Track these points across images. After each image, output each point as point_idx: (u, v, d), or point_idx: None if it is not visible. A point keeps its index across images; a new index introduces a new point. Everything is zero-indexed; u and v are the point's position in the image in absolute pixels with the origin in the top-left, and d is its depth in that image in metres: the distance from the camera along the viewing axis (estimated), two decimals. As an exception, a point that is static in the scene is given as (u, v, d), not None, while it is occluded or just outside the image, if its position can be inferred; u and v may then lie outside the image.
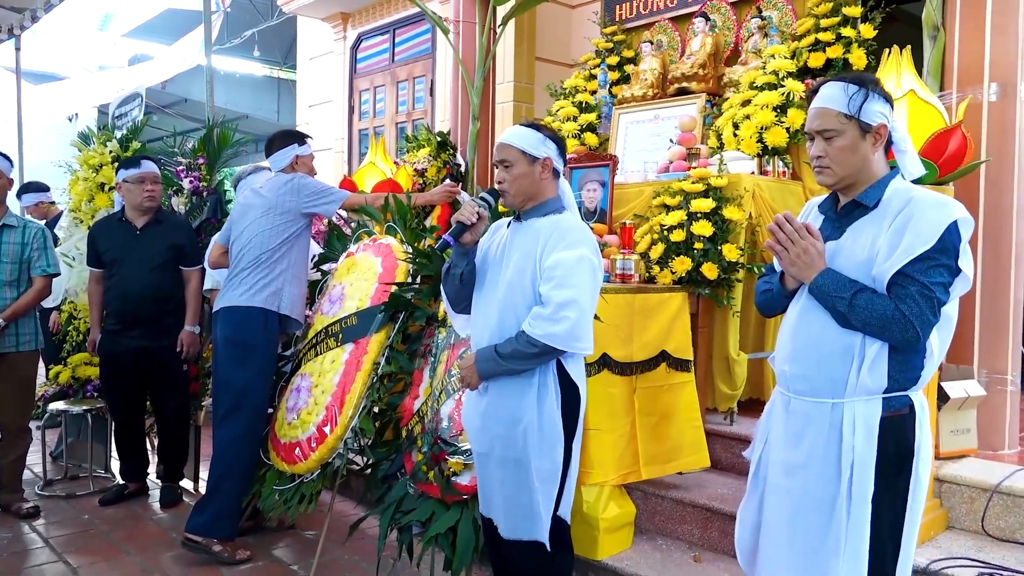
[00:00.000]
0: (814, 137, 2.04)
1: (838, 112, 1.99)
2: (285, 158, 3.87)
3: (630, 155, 4.98)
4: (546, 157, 2.45)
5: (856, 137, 1.99)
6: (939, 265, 1.88)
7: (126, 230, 4.33)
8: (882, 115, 1.99)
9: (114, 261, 4.31)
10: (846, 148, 1.99)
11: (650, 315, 3.55)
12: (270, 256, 3.68)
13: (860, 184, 2.02)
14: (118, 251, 4.30)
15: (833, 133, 2.00)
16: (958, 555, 3.00)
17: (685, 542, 3.49)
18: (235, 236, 3.82)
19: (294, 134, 3.97)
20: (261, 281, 3.67)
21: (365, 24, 8.19)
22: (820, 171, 2.05)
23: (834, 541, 1.97)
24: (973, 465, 3.45)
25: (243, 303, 3.65)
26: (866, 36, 4.26)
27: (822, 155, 2.02)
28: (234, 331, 3.66)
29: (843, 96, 1.99)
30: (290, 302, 3.73)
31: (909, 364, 1.96)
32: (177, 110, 14.33)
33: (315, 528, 4.01)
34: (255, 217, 3.74)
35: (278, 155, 3.88)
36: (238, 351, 3.63)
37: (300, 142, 3.92)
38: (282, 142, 3.90)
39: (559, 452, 2.40)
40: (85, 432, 4.78)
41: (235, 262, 3.77)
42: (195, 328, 4.35)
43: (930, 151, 3.07)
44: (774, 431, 2.15)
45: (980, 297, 3.70)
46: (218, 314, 3.74)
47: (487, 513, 2.58)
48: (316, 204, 3.76)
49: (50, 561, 3.63)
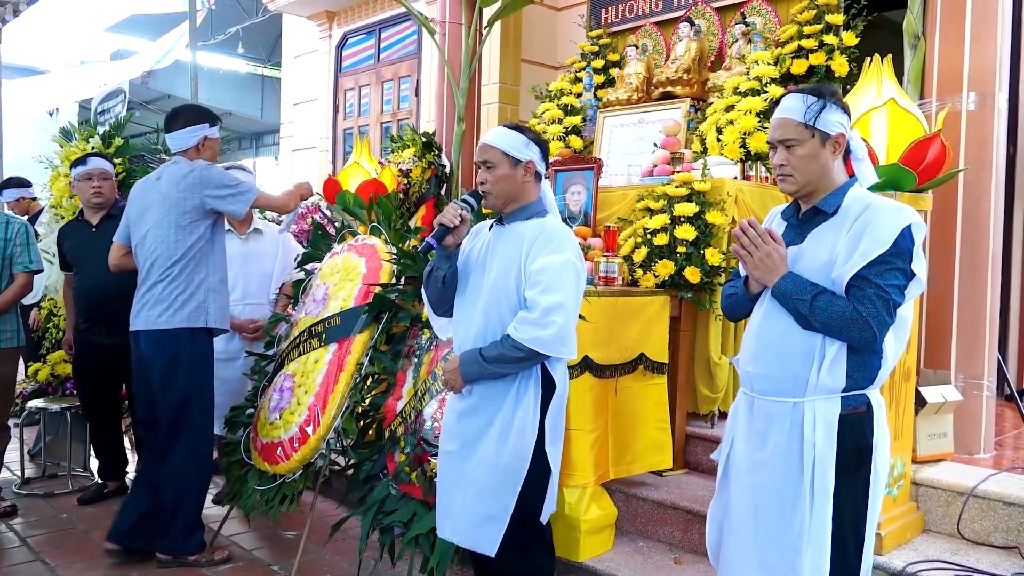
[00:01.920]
0: (776, 147, 2.13)
1: (797, 122, 2.08)
2: (191, 138, 3.46)
3: (614, 158, 5.00)
4: (529, 160, 2.46)
5: (816, 146, 2.08)
6: (894, 268, 1.97)
7: (84, 229, 4.34)
8: (840, 124, 2.09)
9: (76, 261, 4.35)
10: (806, 157, 2.08)
11: (630, 318, 3.58)
12: (184, 267, 3.39)
13: (820, 191, 2.12)
14: (78, 251, 4.33)
15: (794, 142, 2.09)
16: (934, 558, 3.04)
17: (666, 544, 3.51)
18: (138, 239, 3.49)
19: (205, 112, 3.57)
20: (180, 297, 3.39)
21: (351, 23, 8.17)
22: (783, 179, 2.14)
23: (797, 536, 2.05)
24: (950, 469, 3.49)
25: (164, 325, 3.38)
26: (848, 44, 4.30)
27: (784, 163, 2.12)
28: (158, 354, 3.41)
29: (802, 106, 2.08)
30: (217, 314, 3.49)
31: (866, 364, 2.05)
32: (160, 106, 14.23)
33: (296, 528, 4.00)
34: (156, 219, 3.41)
35: (182, 133, 3.45)
36: (167, 371, 3.41)
37: (212, 122, 3.54)
38: (189, 119, 3.47)
39: (530, 452, 2.40)
40: (64, 430, 4.75)
41: (144, 272, 3.46)
42: None
43: (909, 159, 3.11)
44: (739, 431, 2.23)
45: (958, 303, 3.74)
46: (137, 335, 3.47)
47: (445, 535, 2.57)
48: (222, 200, 3.41)
49: (27, 560, 3.60)
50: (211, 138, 3.51)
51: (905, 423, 3.26)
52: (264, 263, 4.46)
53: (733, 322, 3.07)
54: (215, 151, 3.56)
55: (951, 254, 3.75)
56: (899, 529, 3.17)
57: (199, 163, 3.44)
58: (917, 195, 3.21)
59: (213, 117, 3.56)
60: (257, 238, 4.46)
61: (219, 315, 3.51)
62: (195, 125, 3.45)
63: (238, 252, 4.41)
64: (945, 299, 3.76)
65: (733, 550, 2.22)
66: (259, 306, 4.43)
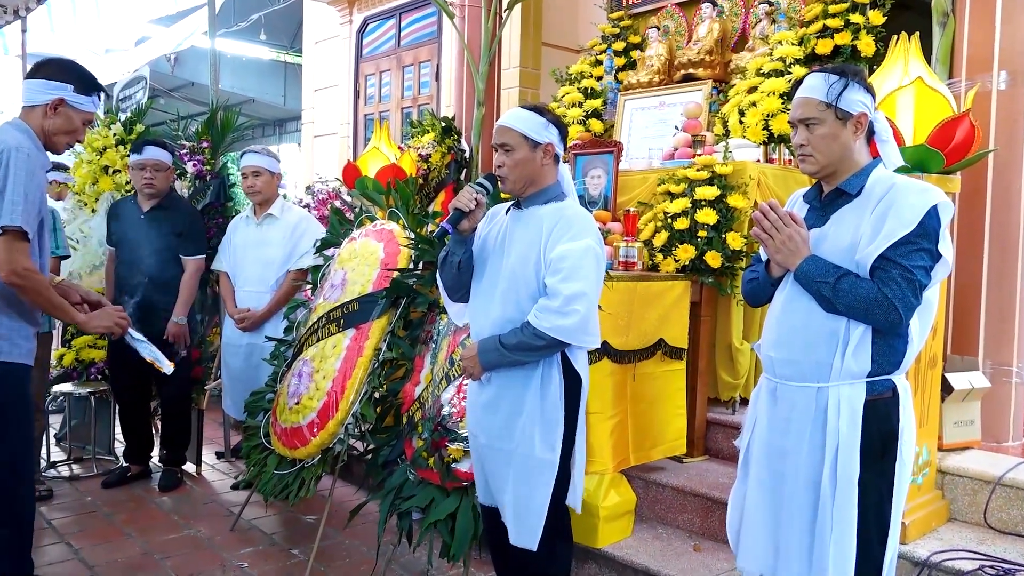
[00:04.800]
0: (797, 126, 2.10)
1: (819, 101, 2.05)
2: (43, 94, 2.71)
3: (635, 142, 4.95)
4: (548, 142, 2.41)
5: (837, 125, 2.04)
6: (920, 249, 1.93)
7: (133, 213, 4.36)
8: (862, 104, 2.05)
9: (119, 242, 4.38)
10: (827, 136, 2.05)
11: (650, 303, 3.54)
12: None
13: (842, 172, 2.08)
14: (123, 232, 4.36)
15: (814, 121, 2.06)
16: (959, 547, 2.99)
17: (685, 531, 3.49)
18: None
19: (80, 76, 2.78)
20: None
21: (371, 8, 8.14)
22: (803, 159, 2.11)
23: (821, 524, 2.02)
24: (976, 457, 3.43)
25: None
26: (875, 23, 4.21)
27: (804, 143, 2.08)
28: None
29: (823, 85, 2.04)
30: (27, 349, 2.72)
31: (892, 348, 2.02)
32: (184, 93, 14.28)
33: (316, 513, 4.01)
34: None
35: (36, 84, 2.72)
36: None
37: (83, 90, 2.77)
38: (52, 72, 2.74)
39: (560, 443, 2.39)
40: (89, 414, 4.80)
41: None
42: (182, 319, 4.28)
43: (937, 139, 3.03)
44: (761, 417, 2.20)
45: (986, 287, 3.66)
46: None
47: (488, 502, 2.58)
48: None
49: (52, 543, 3.65)
50: (71, 105, 2.74)
51: (931, 410, 3.20)
52: (267, 250, 4.40)
53: (755, 307, 3.04)
54: (73, 125, 2.77)
55: (980, 237, 3.67)
56: (924, 518, 3.11)
57: (21, 139, 2.63)
58: (945, 177, 3.13)
59: (89, 85, 2.79)
60: (270, 223, 4.42)
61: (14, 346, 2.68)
62: (56, 81, 2.71)
63: (251, 237, 4.43)
64: (973, 283, 3.68)
65: (755, 537, 2.19)
66: (256, 293, 4.39)
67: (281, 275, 4.39)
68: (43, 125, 2.74)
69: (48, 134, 2.75)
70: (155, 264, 4.23)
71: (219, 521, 3.96)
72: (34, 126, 2.73)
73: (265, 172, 4.37)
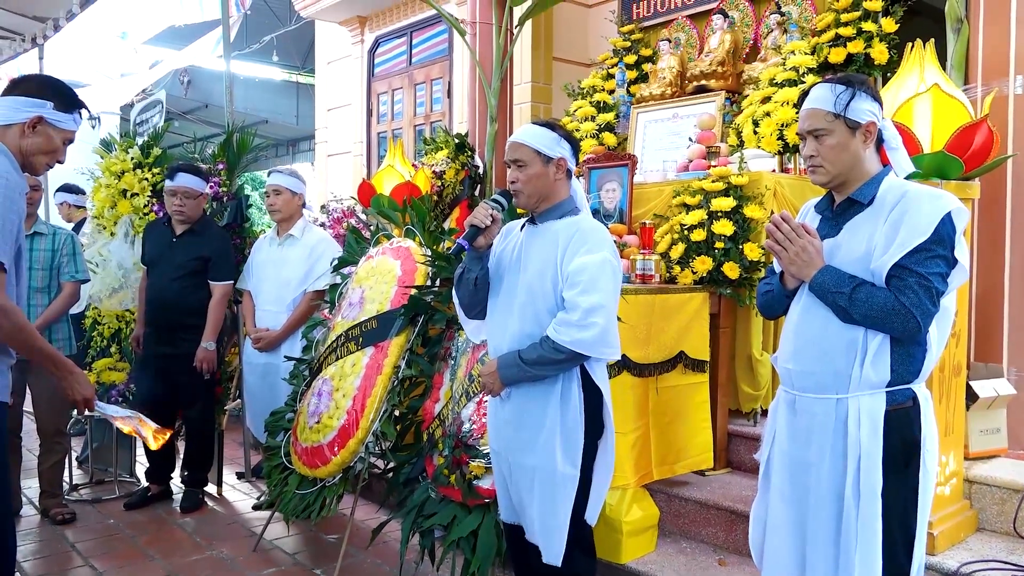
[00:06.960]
0: (806, 138, 2.10)
1: (827, 112, 2.05)
2: (19, 112, 2.46)
3: (649, 154, 4.94)
4: (560, 157, 2.43)
5: (846, 135, 2.04)
6: (936, 256, 1.92)
7: (166, 236, 4.41)
8: (870, 113, 2.04)
9: (151, 264, 4.45)
10: (836, 146, 2.05)
11: (669, 315, 3.53)
12: None
13: (854, 182, 2.08)
14: (154, 254, 4.43)
15: (823, 132, 2.06)
16: (989, 557, 2.94)
17: (710, 545, 3.45)
18: None
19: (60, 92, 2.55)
20: None
21: (382, 27, 8.21)
22: (813, 170, 2.11)
23: (846, 536, 2.00)
24: (1004, 465, 3.38)
25: None
26: (887, 30, 4.20)
27: (814, 154, 2.08)
28: None
29: (831, 96, 2.05)
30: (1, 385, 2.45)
31: (911, 356, 2.00)
32: (198, 116, 14.41)
33: (337, 532, 4.01)
34: None
35: (11, 102, 2.47)
36: None
37: (64, 107, 2.53)
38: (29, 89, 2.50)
39: (580, 458, 2.38)
40: (110, 437, 4.83)
41: None
42: (211, 345, 4.31)
43: (955, 146, 3.01)
44: (780, 430, 2.19)
45: (1008, 293, 3.63)
46: None
47: (511, 519, 2.57)
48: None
49: (77, 566, 3.66)
50: (50, 123, 2.51)
51: (956, 419, 3.16)
52: (285, 270, 4.43)
53: (770, 320, 3.03)
54: (53, 145, 2.54)
55: (1000, 242, 3.64)
56: (952, 528, 3.07)
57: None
58: (964, 183, 3.11)
59: (70, 102, 2.57)
60: (291, 244, 4.46)
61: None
62: (35, 98, 2.48)
63: (272, 256, 4.47)
64: (995, 290, 3.65)
65: (779, 551, 2.17)
66: (273, 312, 4.42)
67: (298, 295, 4.41)
68: (20, 145, 2.48)
69: (26, 154, 2.50)
70: (181, 288, 4.28)
71: (241, 542, 3.96)
72: (11, 146, 2.46)
73: (285, 191, 4.41)
